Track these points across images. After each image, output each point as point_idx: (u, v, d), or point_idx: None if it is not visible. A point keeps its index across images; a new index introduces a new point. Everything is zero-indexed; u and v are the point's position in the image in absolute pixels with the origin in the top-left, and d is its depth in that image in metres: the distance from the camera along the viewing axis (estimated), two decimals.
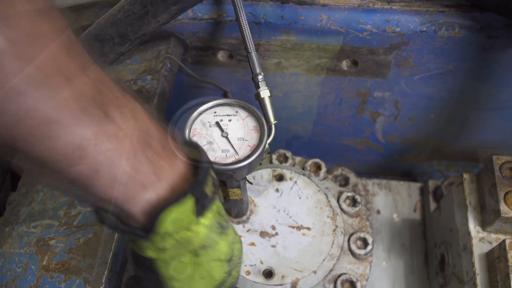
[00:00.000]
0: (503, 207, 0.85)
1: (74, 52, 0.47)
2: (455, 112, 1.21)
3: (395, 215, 1.23)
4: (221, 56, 1.14)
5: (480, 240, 0.91)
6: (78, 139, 0.46)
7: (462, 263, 0.93)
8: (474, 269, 0.88)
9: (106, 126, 0.48)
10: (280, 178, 1.00)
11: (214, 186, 0.59)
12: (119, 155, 0.50)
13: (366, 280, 0.96)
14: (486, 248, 0.90)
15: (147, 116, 0.55)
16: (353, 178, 1.15)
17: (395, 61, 1.07)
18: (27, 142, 0.45)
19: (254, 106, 0.74)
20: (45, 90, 0.44)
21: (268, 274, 0.90)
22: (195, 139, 0.71)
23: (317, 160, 1.09)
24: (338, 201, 1.04)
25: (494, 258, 0.85)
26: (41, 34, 0.44)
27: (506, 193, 0.86)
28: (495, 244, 0.89)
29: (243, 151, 0.70)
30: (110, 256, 0.80)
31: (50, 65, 0.44)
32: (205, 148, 0.70)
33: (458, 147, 1.36)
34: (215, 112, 0.74)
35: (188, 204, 0.54)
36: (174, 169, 0.55)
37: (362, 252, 0.97)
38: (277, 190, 0.98)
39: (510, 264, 0.80)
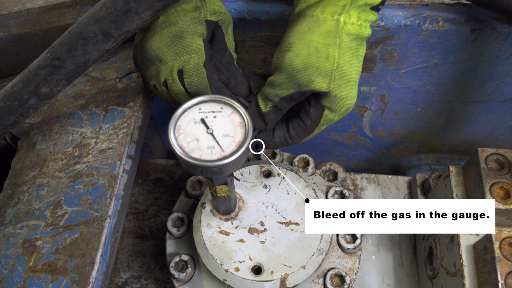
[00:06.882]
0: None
1: None
2: (440, 105, 1.22)
3: None
4: None
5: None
6: None
7: (450, 255, 0.94)
8: (461, 261, 0.89)
9: None
10: (268, 174, 1.00)
11: None
12: None
13: (355, 274, 0.97)
14: (473, 240, 0.90)
15: None
16: (341, 173, 1.15)
17: (380, 56, 1.07)
18: None
19: (239, 102, 0.74)
20: None
21: (257, 270, 0.90)
22: (180, 137, 0.71)
23: (305, 155, 1.09)
24: (326, 196, 1.04)
25: (481, 249, 0.86)
26: None
27: (492, 185, 0.87)
28: (481, 235, 0.90)
29: (229, 147, 0.70)
30: (97, 255, 0.80)
31: None
32: (190, 145, 0.70)
33: (445, 140, 1.37)
34: (200, 109, 0.73)
35: None
36: None
37: (351, 246, 0.97)
38: (265, 186, 0.98)
39: (496, 255, 0.81)
